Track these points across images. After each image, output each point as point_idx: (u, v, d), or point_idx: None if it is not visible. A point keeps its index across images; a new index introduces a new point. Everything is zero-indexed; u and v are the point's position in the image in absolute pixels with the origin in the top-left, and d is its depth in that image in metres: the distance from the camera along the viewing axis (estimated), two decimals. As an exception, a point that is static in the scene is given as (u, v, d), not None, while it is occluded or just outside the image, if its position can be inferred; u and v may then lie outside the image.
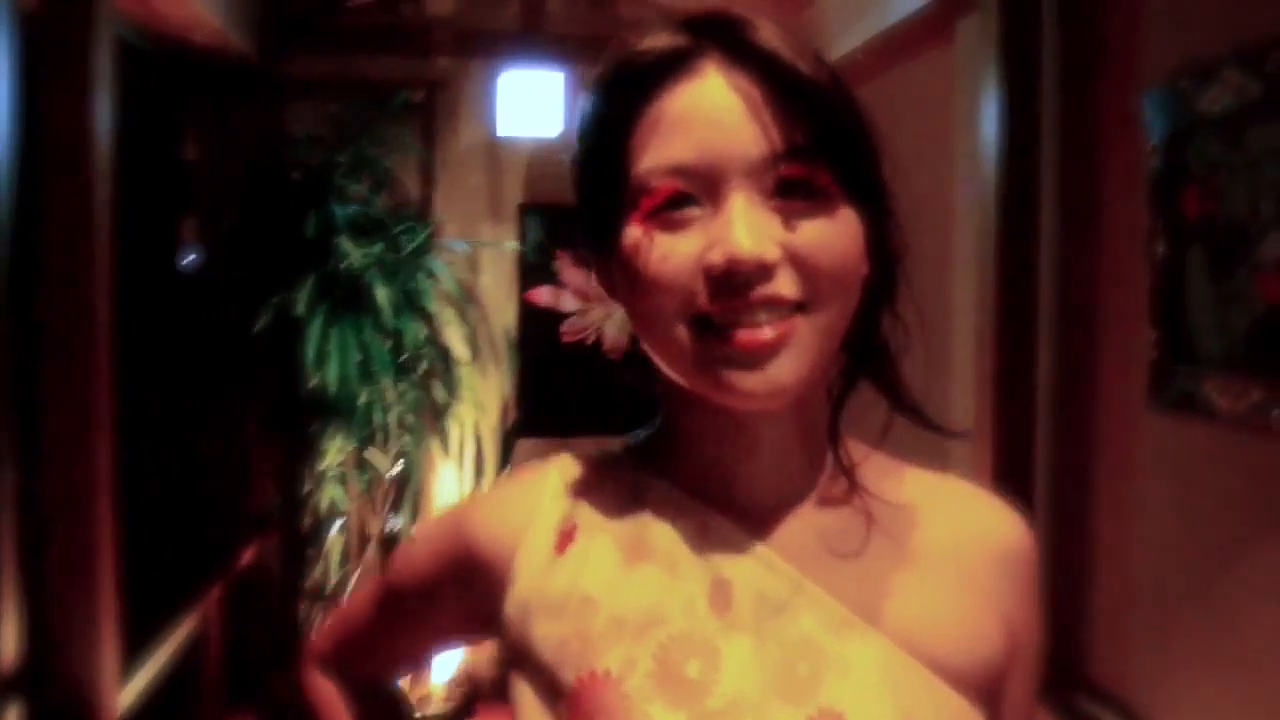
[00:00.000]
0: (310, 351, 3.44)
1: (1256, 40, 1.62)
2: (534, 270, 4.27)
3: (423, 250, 3.85)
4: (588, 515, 0.74)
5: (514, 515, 0.75)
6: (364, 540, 3.89)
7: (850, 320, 0.69)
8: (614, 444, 0.81)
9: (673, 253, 0.65)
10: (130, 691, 2.34)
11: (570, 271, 4.29)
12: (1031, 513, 2.11)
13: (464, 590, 0.77)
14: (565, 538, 0.72)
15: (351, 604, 0.95)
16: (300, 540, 3.73)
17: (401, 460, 3.82)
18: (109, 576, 2.22)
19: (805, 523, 0.73)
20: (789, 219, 0.65)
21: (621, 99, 0.68)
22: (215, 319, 3.72)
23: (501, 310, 4.27)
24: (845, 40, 3.33)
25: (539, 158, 4.27)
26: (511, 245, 4.23)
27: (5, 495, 1.98)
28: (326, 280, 3.58)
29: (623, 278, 0.69)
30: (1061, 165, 2.22)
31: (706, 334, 0.65)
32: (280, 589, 3.73)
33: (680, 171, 0.65)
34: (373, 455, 3.77)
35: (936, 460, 0.79)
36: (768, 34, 0.66)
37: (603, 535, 0.72)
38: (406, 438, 3.78)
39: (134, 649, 2.43)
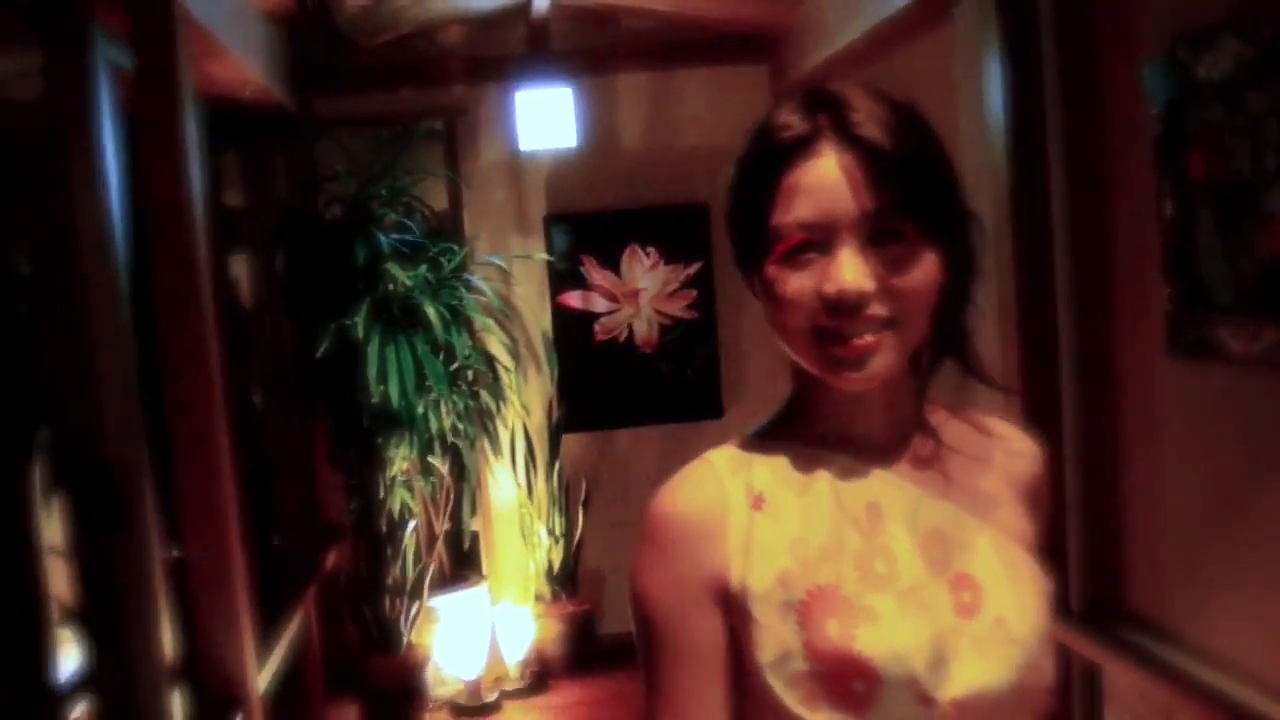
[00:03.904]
0: (372, 369, 3.70)
1: (1251, 8, 1.76)
2: (564, 276, 4.54)
3: (461, 267, 4.11)
4: (763, 481, 0.99)
5: (710, 493, 0.98)
6: (432, 539, 4.19)
7: (930, 321, 0.96)
8: (743, 435, 1.05)
9: (799, 284, 0.93)
10: (263, 679, 2.64)
11: (598, 274, 4.55)
12: (1059, 459, 2.32)
13: (707, 561, 0.96)
14: (758, 500, 0.97)
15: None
16: (379, 542, 4.01)
17: (458, 463, 4.10)
18: (243, 588, 2.50)
19: (907, 454, 1.02)
20: (883, 260, 0.92)
21: (763, 171, 0.95)
22: (274, 350, 3.99)
23: (537, 316, 4.54)
24: (844, 32, 3.50)
25: (558, 171, 4.52)
26: (542, 256, 4.48)
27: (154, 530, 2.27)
28: (378, 304, 3.84)
29: (765, 297, 0.97)
30: (1068, 134, 2.36)
31: (824, 341, 0.93)
32: (367, 587, 4.04)
33: (805, 225, 0.92)
34: (434, 461, 4.04)
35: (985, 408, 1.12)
36: (866, 118, 0.92)
37: (783, 492, 0.98)
38: (461, 443, 4.05)
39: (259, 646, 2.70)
